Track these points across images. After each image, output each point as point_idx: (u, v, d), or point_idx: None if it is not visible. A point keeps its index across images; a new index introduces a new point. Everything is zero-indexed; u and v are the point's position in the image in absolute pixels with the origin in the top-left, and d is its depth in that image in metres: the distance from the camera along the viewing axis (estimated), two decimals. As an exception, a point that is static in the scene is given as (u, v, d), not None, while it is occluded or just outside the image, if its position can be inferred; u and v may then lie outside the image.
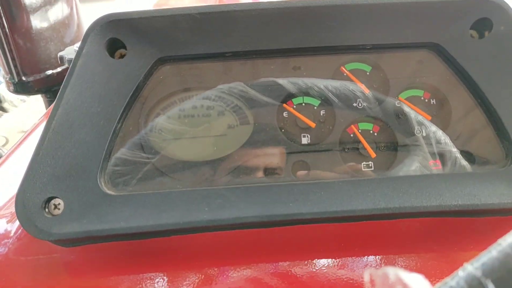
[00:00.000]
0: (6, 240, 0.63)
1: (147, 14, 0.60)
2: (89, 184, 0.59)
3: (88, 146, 0.60)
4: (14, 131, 3.48)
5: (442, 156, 0.65)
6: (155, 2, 2.03)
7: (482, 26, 0.64)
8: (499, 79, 0.63)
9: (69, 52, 0.91)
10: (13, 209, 0.62)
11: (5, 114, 2.91)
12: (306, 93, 0.67)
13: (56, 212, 0.57)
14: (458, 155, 0.65)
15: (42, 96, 1.44)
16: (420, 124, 0.66)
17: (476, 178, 0.61)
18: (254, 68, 0.67)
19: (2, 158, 0.84)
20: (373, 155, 0.65)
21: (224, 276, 0.58)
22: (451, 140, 0.65)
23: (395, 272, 0.32)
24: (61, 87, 0.59)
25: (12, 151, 0.86)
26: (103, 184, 0.60)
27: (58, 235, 0.55)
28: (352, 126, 0.67)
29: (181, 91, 0.67)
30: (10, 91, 1.32)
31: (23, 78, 1.30)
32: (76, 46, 0.88)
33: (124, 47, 0.62)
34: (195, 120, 0.66)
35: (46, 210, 0.57)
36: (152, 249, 0.61)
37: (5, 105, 2.79)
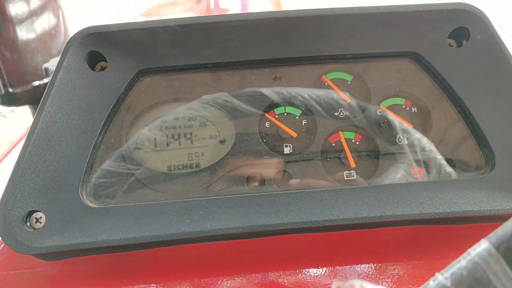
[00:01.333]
0: None
1: (127, 27, 0.61)
2: (70, 197, 0.58)
3: (69, 159, 0.59)
4: (3, 142, 3.46)
5: (427, 163, 0.65)
6: (144, 10, 2.04)
7: (460, 35, 0.65)
8: (478, 87, 0.64)
9: (54, 64, 0.90)
10: None
11: None
12: (289, 102, 0.68)
13: (38, 225, 0.57)
14: (443, 161, 0.65)
15: (29, 107, 1.44)
16: (404, 131, 0.67)
17: (457, 186, 0.61)
18: (234, 79, 0.67)
19: None
20: (353, 164, 0.66)
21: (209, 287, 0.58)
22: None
23: (360, 284, 0.32)
24: (41, 100, 0.59)
25: None
26: (84, 197, 0.60)
27: (39, 249, 0.55)
28: (334, 135, 0.67)
29: (162, 102, 0.67)
30: (-3, 103, 1.31)
31: (10, 90, 1.29)
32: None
33: (105, 60, 0.62)
34: (177, 131, 0.66)
35: (28, 223, 0.57)
36: (135, 261, 0.60)
37: None
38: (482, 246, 0.31)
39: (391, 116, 0.68)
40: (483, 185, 0.61)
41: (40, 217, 0.57)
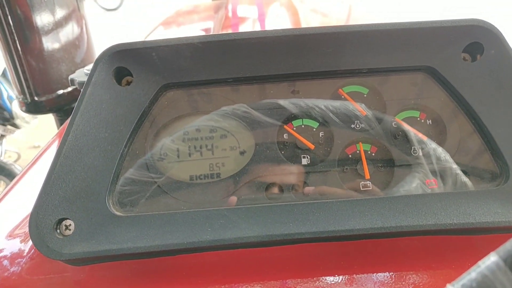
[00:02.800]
0: (19, 260, 0.66)
1: (152, 44, 0.64)
2: (98, 206, 0.62)
3: (97, 169, 0.63)
4: (25, 147, 3.56)
5: (442, 174, 0.67)
6: (163, 19, 2.08)
7: (474, 50, 0.66)
8: (492, 100, 0.65)
9: (80, 75, 0.94)
10: (26, 229, 0.65)
11: (17, 130, 2.98)
12: (307, 114, 0.70)
13: (67, 232, 0.60)
14: (459, 171, 0.66)
15: (53, 115, 1.49)
16: (419, 143, 0.68)
17: (471, 197, 0.62)
18: (253, 92, 0.70)
19: (18, 176, 0.88)
20: (368, 176, 0.67)
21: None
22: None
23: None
24: (71, 114, 0.63)
25: (27, 170, 0.90)
26: (111, 205, 0.63)
27: (68, 255, 0.58)
28: (351, 146, 0.69)
29: (185, 115, 0.70)
30: (23, 111, 1.37)
31: (36, 98, 1.34)
32: (87, 68, 0.91)
33: (131, 75, 0.66)
34: (198, 142, 0.68)
35: (58, 231, 0.60)
36: (158, 268, 0.63)
37: (18, 121, 2.87)
38: (491, 259, 0.33)
39: (406, 128, 0.69)
40: (498, 196, 0.62)
41: (70, 225, 0.60)
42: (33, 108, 1.35)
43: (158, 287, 0.61)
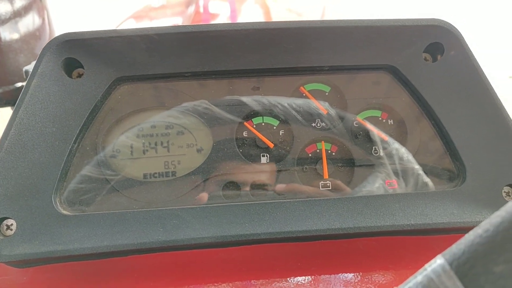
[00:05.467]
0: None
1: (105, 35, 0.60)
2: (43, 204, 0.58)
3: (43, 166, 0.59)
4: None
5: (405, 173, 0.66)
6: (134, 12, 2.03)
7: (435, 50, 0.66)
8: (451, 101, 0.65)
9: (35, 67, 0.90)
10: None
11: None
12: (268, 112, 0.68)
13: (9, 232, 0.56)
14: (421, 172, 0.66)
15: (11, 109, 1.42)
16: (381, 142, 0.68)
17: (428, 198, 0.62)
18: (213, 88, 0.68)
19: None
20: (326, 176, 0.66)
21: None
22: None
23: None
24: (15, 106, 0.59)
25: None
26: (58, 204, 0.59)
27: (8, 257, 0.55)
28: (311, 145, 0.68)
29: (140, 110, 0.67)
30: (-22, 104, 1.30)
31: (-9, 90, 1.28)
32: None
33: (82, 67, 0.62)
34: (153, 139, 0.66)
35: None
36: (108, 269, 0.60)
37: None
38: (438, 262, 0.32)
39: (368, 127, 0.68)
40: (454, 197, 0.62)
41: (11, 224, 0.57)
42: (-12, 100, 1.29)
43: (107, 290, 0.58)
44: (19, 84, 1.31)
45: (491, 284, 0.29)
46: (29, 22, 1.33)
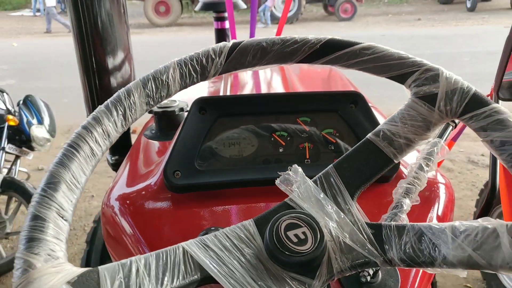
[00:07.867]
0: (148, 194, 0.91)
1: (219, 97, 1.37)
2: (191, 164, 0.91)
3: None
4: (31, 169, 3.65)
5: None
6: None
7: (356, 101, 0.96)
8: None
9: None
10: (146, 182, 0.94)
11: (31, 153, 3.38)
12: (283, 129, 1.02)
13: (177, 176, 0.89)
14: None
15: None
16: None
17: None
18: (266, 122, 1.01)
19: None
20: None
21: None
22: None
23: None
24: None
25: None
26: (196, 165, 0.92)
27: (178, 186, 0.87)
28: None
29: (229, 129, 1.01)
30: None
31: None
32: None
33: (205, 110, 1.04)
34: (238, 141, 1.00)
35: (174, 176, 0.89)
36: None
37: (33, 144, 3.27)
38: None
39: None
40: None
41: (178, 174, 0.88)
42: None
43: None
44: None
45: None
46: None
